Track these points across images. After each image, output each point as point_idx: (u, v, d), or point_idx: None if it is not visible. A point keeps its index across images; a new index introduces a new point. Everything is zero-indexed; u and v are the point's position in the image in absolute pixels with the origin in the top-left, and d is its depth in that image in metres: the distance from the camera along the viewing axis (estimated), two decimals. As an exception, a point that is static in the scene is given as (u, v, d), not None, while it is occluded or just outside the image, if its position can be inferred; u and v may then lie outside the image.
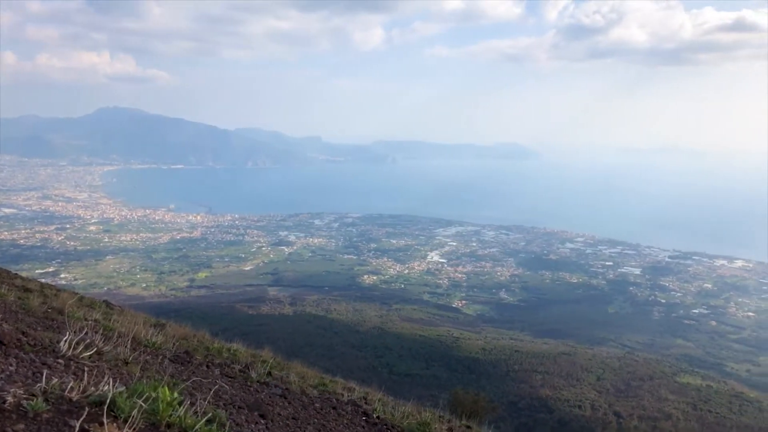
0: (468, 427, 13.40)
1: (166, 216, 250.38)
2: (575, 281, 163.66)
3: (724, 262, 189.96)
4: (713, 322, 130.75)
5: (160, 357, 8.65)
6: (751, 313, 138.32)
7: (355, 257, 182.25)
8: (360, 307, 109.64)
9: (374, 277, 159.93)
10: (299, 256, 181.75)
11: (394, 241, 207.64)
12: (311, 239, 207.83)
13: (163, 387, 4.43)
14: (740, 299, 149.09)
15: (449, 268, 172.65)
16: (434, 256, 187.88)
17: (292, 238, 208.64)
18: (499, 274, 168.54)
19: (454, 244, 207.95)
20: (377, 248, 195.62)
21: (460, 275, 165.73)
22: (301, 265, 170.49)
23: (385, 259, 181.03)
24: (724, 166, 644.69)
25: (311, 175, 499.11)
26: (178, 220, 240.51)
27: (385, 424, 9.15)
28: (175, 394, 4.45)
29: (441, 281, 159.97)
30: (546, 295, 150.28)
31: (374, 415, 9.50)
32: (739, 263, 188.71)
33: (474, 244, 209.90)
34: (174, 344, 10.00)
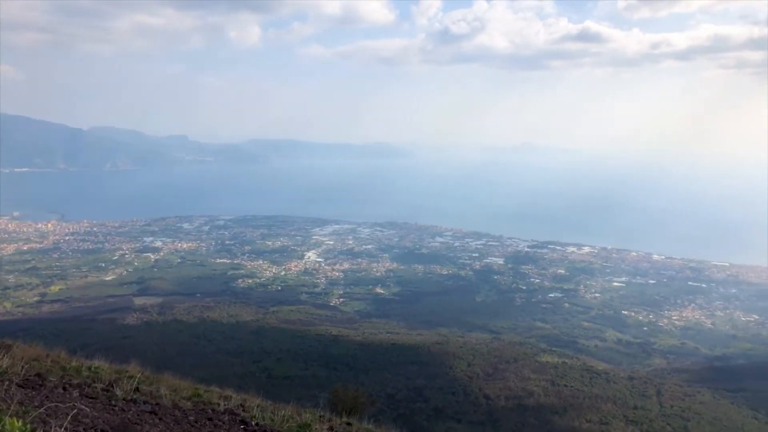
0: (348, 424, 13.57)
1: (9, 225, 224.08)
2: (445, 273, 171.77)
3: (575, 249, 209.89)
4: (567, 304, 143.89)
5: (6, 383, 7.80)
6: (597, 294, 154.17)
7: (228, 261, 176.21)
8: (235, 312, 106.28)
9: (250, 281, 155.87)
10: (167, 263, 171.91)
11: (270, 243, 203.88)
12: (180, 244, 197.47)
13: (10, 417, 4.02)
14: (588, 282, 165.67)
15: (327, 267, 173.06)
16: (311, 256, 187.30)
17: (158, 243, 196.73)
18: (375, 270, 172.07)
19: (331, 242, 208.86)
20: (252, 250, 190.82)
21: (337, 273, 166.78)
22: (169, 272, 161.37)
23: (261, 261, 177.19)
24: (576, 162, 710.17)
25: (178, 177, 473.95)
26: (25, 229, 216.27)
27: (265, 430, 9.02)
28: (26, 425, 4.06)
29: (319, 280, 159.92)
30: (419, 288, 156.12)
31: (253, 422, 9.32)
32: (586, 249, 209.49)
33: (350, 241, 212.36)
34: (23, 367, 9.06)
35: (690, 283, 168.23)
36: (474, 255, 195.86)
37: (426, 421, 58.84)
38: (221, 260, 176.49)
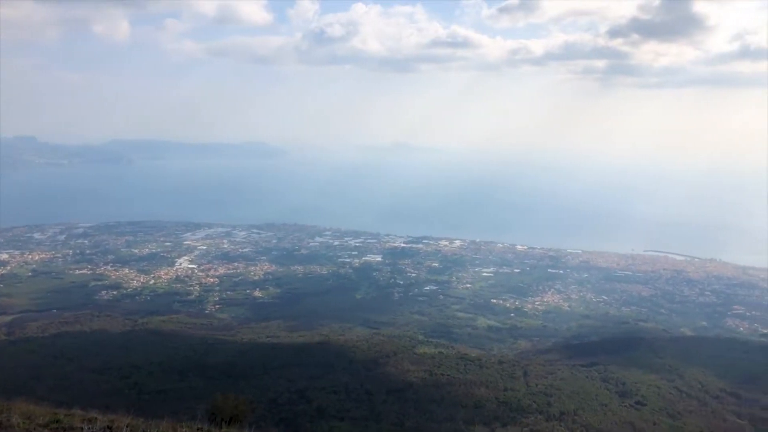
0: (227, 433, 13.27)
1: None
2: (325, 272, 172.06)
3: (447, 243, 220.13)
4: (441, 296, 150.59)
5: None
6: (469, 285, 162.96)
7: (89, 272, 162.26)
8: (100, 326, 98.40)
9: (115, 292, 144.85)
10: (16, 277, 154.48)
11: (137, 250, 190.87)
12: (31, 255, 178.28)
13: None
14: (460, 273, 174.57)
15: (200, 273, 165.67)
16: (183, 262, 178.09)
17: (4, 256, 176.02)
18: (252, 273, 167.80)
19: (204, 247, 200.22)
20: (117, 259, 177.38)
21: (212, 279, 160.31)
22: (18, 287, 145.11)
23: (127, 270, 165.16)
24: (448, 160, 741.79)
25: (26, 182, 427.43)
26: None
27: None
28: None
29: (192, 287, 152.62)
30: (299, 289, 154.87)
31: (121, 443, 8.83)
32: (457, 243, 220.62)
33: (225, 245, 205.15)
34: None
35: (549, 270, 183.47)
36: (353, 253, 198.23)
37: (309, 422, 58.67)
38: (81, 271, 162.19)
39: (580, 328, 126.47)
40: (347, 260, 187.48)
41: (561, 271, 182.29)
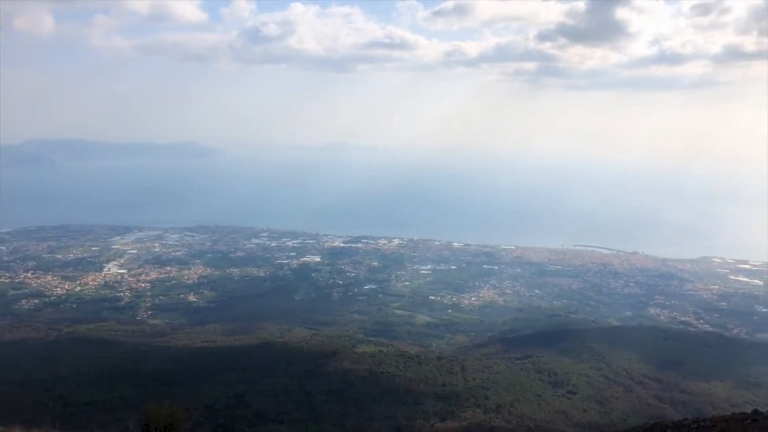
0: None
1: None
2: (263, 275, 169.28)
3: (386, 241, 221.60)
4: (381, 295, 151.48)
5: None
6: (407, 282, 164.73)
7: (7, 279, 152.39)
8: (20, 337, 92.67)
9: (37, 300, 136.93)
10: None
11: (61, 256, 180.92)
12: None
13: None
14: (399, 272, 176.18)
15: (131, 278, 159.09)
16: (112, 267, 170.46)
17: None
18: (186, 277, 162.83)
19: (135, 251, 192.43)
20: (38, 266, 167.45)
21: (143, 284, 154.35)
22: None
23: (50, 277, 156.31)
24: (385, 160, 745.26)
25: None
26: None
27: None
28: None
29: (122, 293, 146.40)
30: (236, 292, 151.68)
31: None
32: (396, 241, 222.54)
33: (157, 249, 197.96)
34: None
35: (485, 266, 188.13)
36: (291, 254, 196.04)
37: (248, 426, 57.62)
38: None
39: (514, 321, 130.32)
40: (285, 261, 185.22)
41: (496, 267, 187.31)
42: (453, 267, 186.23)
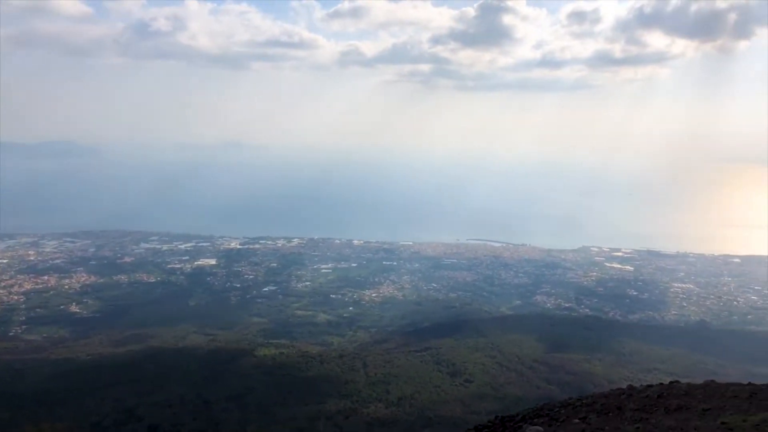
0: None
1: None
2: (154, 281, 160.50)
3: (285, 241, 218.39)
4: (281, 296, 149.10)
5: None
6: (308, 282, 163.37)
7: None
8: None
9: None
10: None
11: None
12: None
13: None
14: (299, 272, 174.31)
15: (1, 291, 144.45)
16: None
17: None
18: (67, 286, 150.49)
19: (5, 261, 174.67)
20: None
21: (16, 296, 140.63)
22: None
23: None
24: (283, 158, 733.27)
25: None
26: None
27: None
28: None
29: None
30: (125, 301, 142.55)
31: None
32: (296, 241, 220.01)
33: (32, 257, 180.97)
34: None
35: (384, 262, 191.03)
36: (184, 258, 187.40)
37: (141, 442, 54.61)
38: None
39: (414, 315, 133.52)
40: (178, 266, 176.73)
41: (395, 263, 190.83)
42: (354, 264, 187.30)
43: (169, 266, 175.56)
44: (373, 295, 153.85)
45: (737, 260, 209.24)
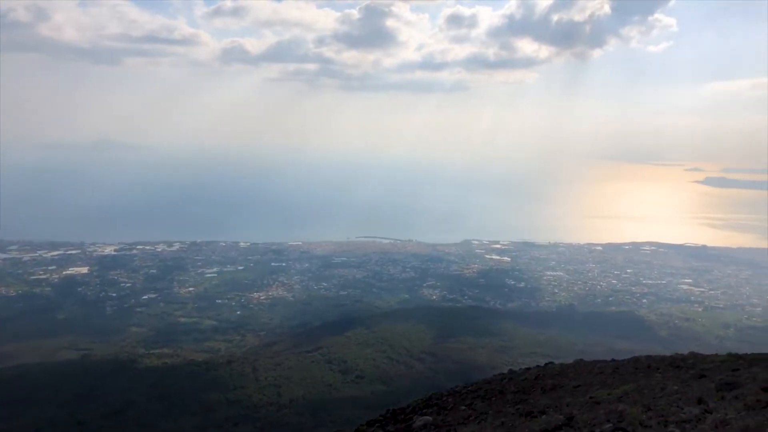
0: None
1: None
2: (14, 294, 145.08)
3: (165, 246, 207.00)
4: (162, 303, 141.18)
5: None
6: (191, 288, 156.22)
7: None
8: None
9: None
10: None
11: None
12: None
13: None
14: (182, 277, 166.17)
15: None
16: None
17: None
18: None
19: None
20: None
21: None
22: None
23: None
24: (158, 158, 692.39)
25: None
26: None
27: None
28: None
29: None
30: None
31: None
32: (177, 245, 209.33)
33: None
34: None
35: (273, 264, 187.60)
36: (51, 268, 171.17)
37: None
38: None
39: (304, 315, 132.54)
40: (43, 276, 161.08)
41: (284, 264, 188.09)
42: (240, 267, 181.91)
43: (32, 277, 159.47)
44: (262, 297, 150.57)
45: (599, 248, 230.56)
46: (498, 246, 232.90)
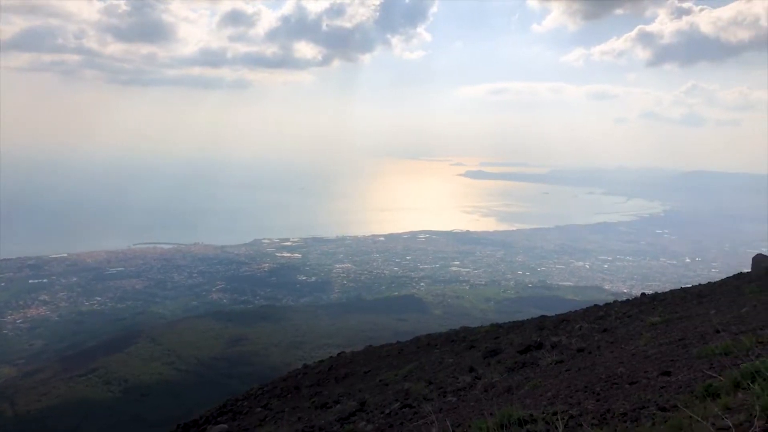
0: None
1: None
2: None
3: None
4: None
5: None
6: None
7: None
8: None
9: None
10: None
11: None
12: None
13: None
14: None
15: None
16: None
17: None
18: None
19: None
20: None
21: None
22: None
23: None
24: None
25: None
26: None
27: None
28: None
29: None
30: None
31: None
32: None
33: None
34: None
35: (31, 281, 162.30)
36: None
37: None
38: None
39: (75, 336, 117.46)
40: None
41: (45, 280, 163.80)
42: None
43: None
44: (18, 320, 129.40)
45: (382, 238, 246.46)
46: (288, 243, 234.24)
